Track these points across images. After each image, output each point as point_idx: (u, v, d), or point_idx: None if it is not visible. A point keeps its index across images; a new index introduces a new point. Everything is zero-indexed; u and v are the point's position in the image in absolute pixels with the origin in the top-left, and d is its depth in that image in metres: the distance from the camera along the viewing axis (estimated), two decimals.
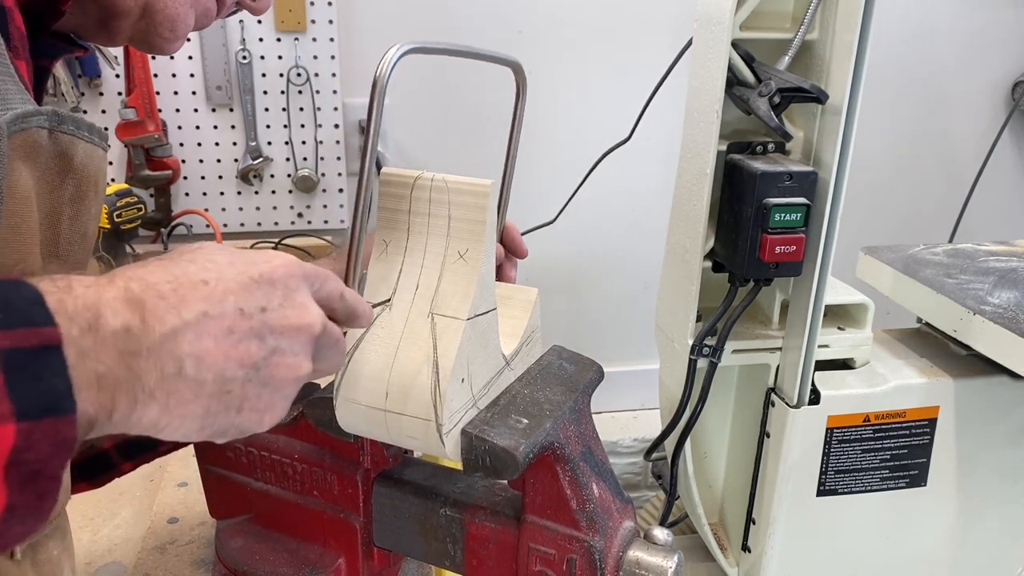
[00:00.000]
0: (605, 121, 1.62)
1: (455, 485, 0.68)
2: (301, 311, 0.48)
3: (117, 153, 1.61)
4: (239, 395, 0.45)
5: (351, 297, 0.53)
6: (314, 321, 0.48)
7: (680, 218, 1.04)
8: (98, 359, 0.40)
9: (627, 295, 1.95)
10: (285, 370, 0.46)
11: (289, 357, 0.47)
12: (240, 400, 0.45)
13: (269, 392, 0.46)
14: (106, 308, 0.41)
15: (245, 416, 0.46)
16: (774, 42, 0.96)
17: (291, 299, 0.47)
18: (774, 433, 1.07)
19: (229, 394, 0.44)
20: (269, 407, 0.47)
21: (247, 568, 0.71)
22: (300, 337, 0.47)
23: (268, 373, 0.46)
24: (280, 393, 0.47)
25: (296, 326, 0.47)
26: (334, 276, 0.52)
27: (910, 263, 1.22)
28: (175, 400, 0.42)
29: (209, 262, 0.46)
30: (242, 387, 0.45)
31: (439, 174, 0.58)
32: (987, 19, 1.90)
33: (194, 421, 0.44)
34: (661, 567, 0.59)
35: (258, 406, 0.46)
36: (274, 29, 1.60)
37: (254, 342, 0.45)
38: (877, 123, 1.88)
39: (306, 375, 0.48)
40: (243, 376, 0.45)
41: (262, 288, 0.46)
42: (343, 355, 0.53)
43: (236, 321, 0.44)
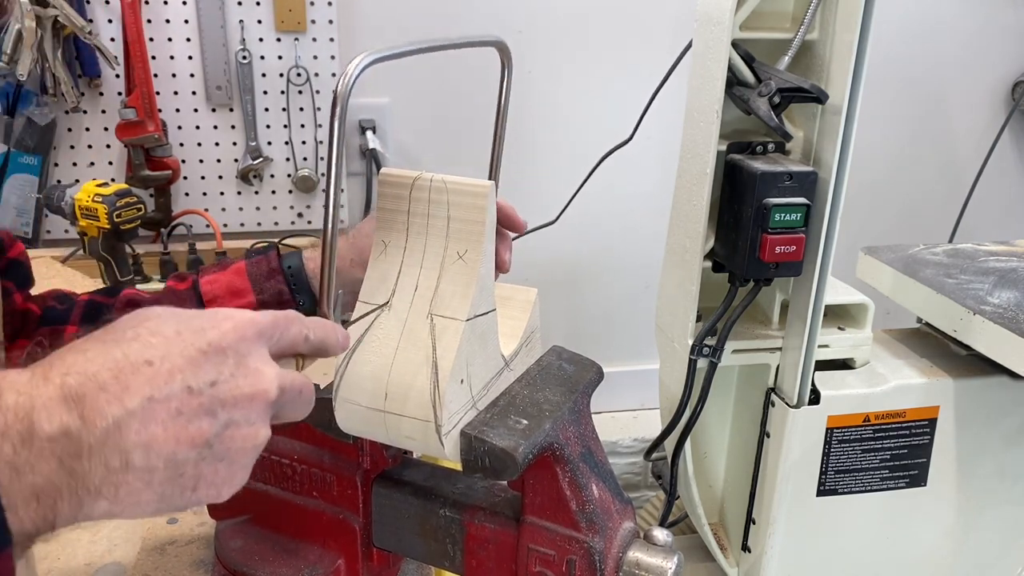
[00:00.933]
0: (606, 121, 1.62)
1: (455, 486, 0.68)
2: (255, 378, 0.45)
3: (117, 153, 1.61)
4: (193, 475, 0.43)
5: (317, 333, 0.51)
6: (268, 387, 0.45)
7: (680, 218, 1.04)
8: (34, 471, 0.38)
9: (627, 295, 1.95)
10: (240, 441, 0.44)
11: (244, 428, 0.44)
12: (195, 479, 0.43)
13: (226, 465, 0.44)
14: (40, 413, 0.39)
15: (202, 492, 0.44)
16: (774, 42, 0.96)
17: (243, 366, 0.45)
18: (774, 433, 1.07)
19: (183, 476, 0.42)
20: (227, 480, 0.45)
21: (247, 569, 0.71)
22: (255, 406, 0.45)
23: (223, 448, 0.43)
24: (237, 464, 0.45)
25: (250, 395, 0.44)
26: (296, 319, 0.50)
27: (910, 263, 1.22)
28: (124, 492, 0.41)
29: (153, 336, 0.43)
30: (195, 467, 0.43)
31: (438, 174, 0.58)
32: (987, 19, 1.90)
33: (147, 507, 0.42)
34: (661, 568, 0.59)
35: (215, 481, 0.44)
36: (274, 29, 1.60)
37: (205, 419, 0.42)
38: (877, 123, 1.88)
39: (263, 441, 0.46)
40: (196, 456, 0.42)
41: (211, 360, 0.43)
42: (309, 403, 0.50)
43: (184, 400, 0.42)
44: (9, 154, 1.54)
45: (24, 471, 0.38)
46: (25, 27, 1.41)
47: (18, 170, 1.56)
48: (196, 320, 0.45)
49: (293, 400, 0.48)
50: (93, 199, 1.34)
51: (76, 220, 1.38)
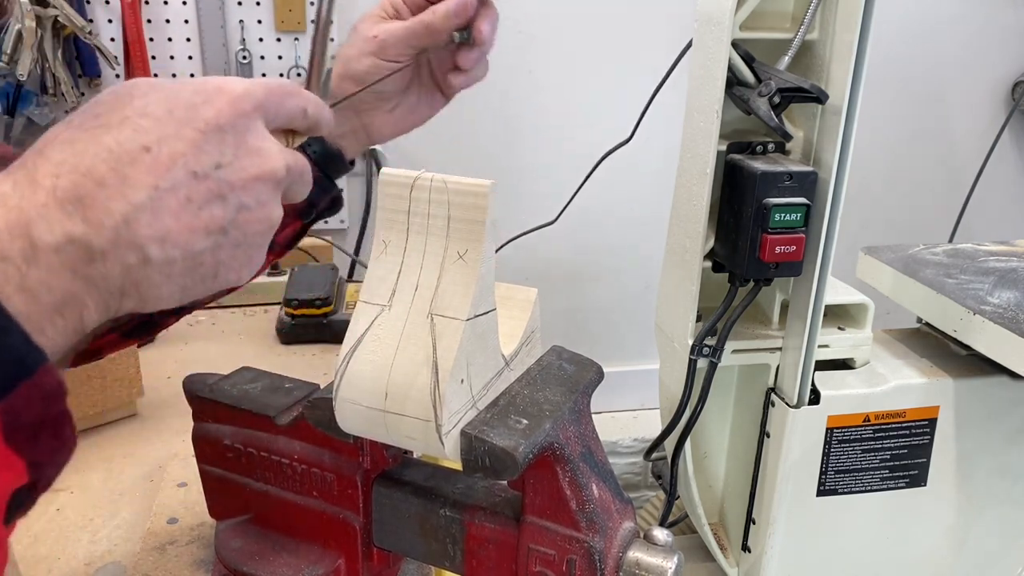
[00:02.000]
0: (606, 121, 1.62)
1: (455, 486, 0.68)
2: (261, 157, 0.43)
3: None
4: (212, 263, 0.42)
5: (314, 107, 0.49)
6: (276, 166, 0.44)
7: (680, 218, 1.04)
8: (50, 289, 0.37)
9: (627, 295, 1.95)
10: (256, 224, 0.43)
11: (257, 210, 0.43)
12: (215, 267, 0.42)
13: (243, 250, 0.43)
14: (39, 224, 0.36)
15: (222, 278, 0.43)
16: (774, 42, 0.96)
17: (246, 144, 0.43)
18: (774, 433, 1.07)
19: (202, 265, 0.41)
20: (245, 263, 0.44)
21: (247, 568, 0.71)
22: (265, 186, 0.43)
23: (239, 233, 0.42)
24: (255, 247, 0.44)
25: (257, 176, 0.43)
26: (293, 90, 0.48)
27: (910, 263, 1.22)
28: (146, 287, 0.40)
29: (143, 118, 0.40)
30: (213, 254, 0.42)
31: (438, 174, 0.58)
32: (987, 19, 1.90)
33: (171, 299, 0.41)
34: (661, 567, 0.59)
35: (234, 266, 0.43)
36: (274, 29, 1.60)
37: (217, 205, 0.41)
38: (877, 123, 1.88)
39: (277, 221, 0.45)
40: (212, 244, 0.41)
41: (211, 140, 0.41)
42: (310, 182, 0.49)
43: (192, 187, 0.40)
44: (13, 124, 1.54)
45: (39, 292, 0.36)
46: (25, 27, 1.41)
47: None
48: (185, 93, 0.42)
49: (297, 180, 0.47)
50: None
51: None
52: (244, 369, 0.81)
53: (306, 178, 0.48)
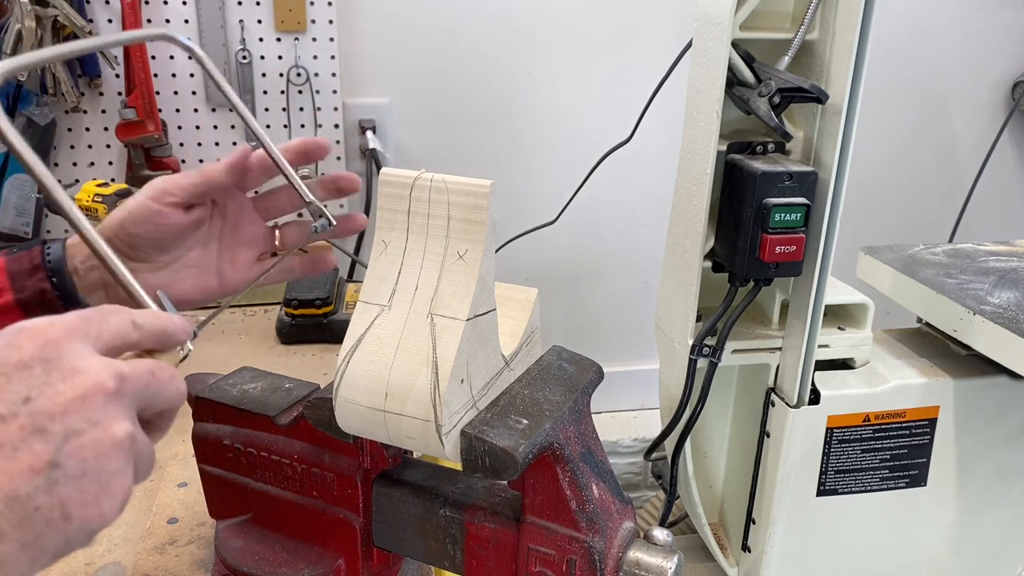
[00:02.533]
0: (606, 121, 1.63)
1: (455, 486, 0.68)
2: (79, 376, 0.39)
3: (117, 153, 1.61)
4: (52, 504, 0.37)
5: (148, 319, 0.45)
6: (97, 379, 0.39)
7: (680, 218, 1.04)
8: None
9: (627, 295, 1.95)
10: (93, 447, 0.38)
11: (91, 432, 0.38)
12: (59, 507, 0.37)
13: (92, 480, 0.38)
14: None
15: (79, 518, 0.38)
16: (774, 42, 0.96)
17: (59, 369, 0.38)
18: (774, 433, 1.07)
19: (39, 510, 0.36)
20: (104, 494, 0.39)
21: (247, 568, 0.71)
22: (92, 404, 0.39)
23: (74, 463, 0.37)
24: (106, 473, 0.39)
25: (79, 396, 0.38)
26: (113, 310, 0.44)
27: (910, 263, 1.22)
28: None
29: None
30: (50, 494, 0.37)
31: (438, 174, 0.58)
32: (987, 19, 1.90)
33: (17, 563, 0.36)
34: (661, 567, 0.59)
35: (87, 499, 0.38)
36: (274, 29, 1.60)
37: (36, 440, 0.37)
38: (877, 123, 1.88)
39: (124, 437, 0.40)
40: (43, 483, 0.36)
41: (14, 379, 0.38)
42: (172, 380, 0.44)
43: (1, 431, 0.36)
44: (9, 154, 1.55)
45: None
46: (25, 27, 1.41)
47: (18, 170, 1.56)
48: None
49: (148, 384, 0.42)
50: (93, 199, 1.34)
51: None
52: (244, 369, 0.81)
53: (162, 377, 0.43)
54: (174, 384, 0.45)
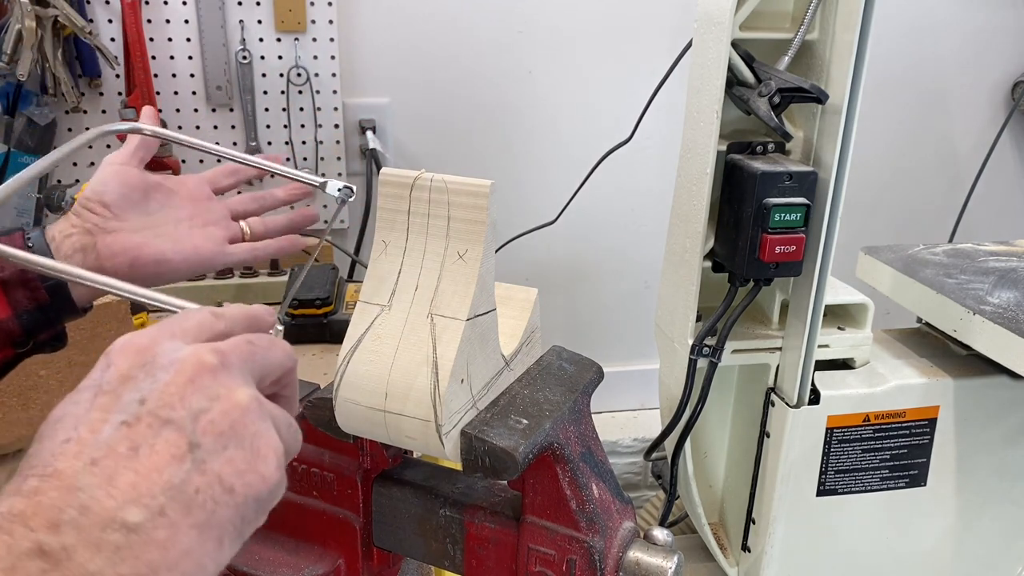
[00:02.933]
0: (606, 121, 1.63)
1: (455, 485, 0.68)
2: (177, 365, 0.39)
3: None
4: (209, 482, 0.37)
5: (229, 309, 0.46)
6: (200, 359, 0.40)
7: (680, 218, 1.04)
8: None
9: (627, 295, 1.95)
10: (224, 418, 0.39)
11: (215, 406, 0.39)
12: (217, 484, 0.37)
13: (235, 448, 0.39)
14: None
15: (242, 489, 0.38)
16: (774, 42, 0.96)
17: (158, 369, 0.39)
18: (774, 433, 1.07)
19: (199, 492, 0.37)
20: (255, 457, 0.39)
21: (247, 568, 0.71)
22: (203, 381, 0.39)
23: (210, 439, 0.38)
24: (247, 438, 0.39)
25: (188, 379, 0.39)
26: (191, 308, 0.46)
27: (910, 263, 1.22)
28: (156, 550, 0.35)
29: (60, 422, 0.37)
30: (202, 474, 0.37)
31: (438, 174, 0.58)
32: (987, 19, 1.90)
33: (203, 548, 0.37)
34: (661, 567, 0.59)
35: (241, 468, 0.39)
36: (274, 29, 1.60)
37: (167, 431, 0.37)
38: (877, 123, 1.88)
39: (251, 397, 0.40)
40: (191, 466, 0.37)
41: (121, 392, 0.38)
42: (279, 350, 0.45)
43: (129, 435, 0.37)
44: (9, 154, 1.54)
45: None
46: (25, 27, 1.41)
47: (18, 170, 1.55)
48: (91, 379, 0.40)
49: (251, 352, 0.43)
50: None
51: None
52: None
53: (259, 343, 0.44)
54: (276, 347, 0.45)
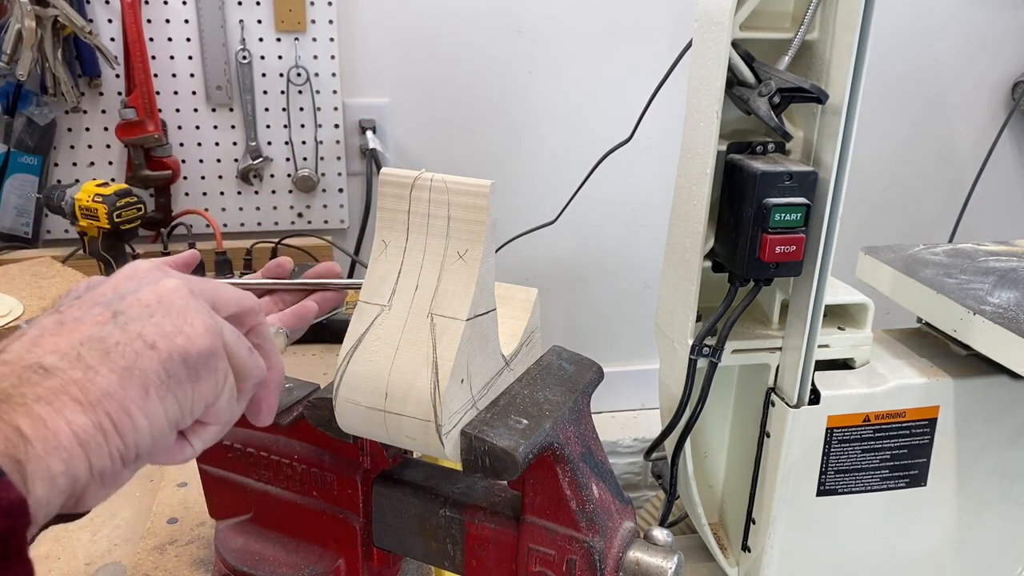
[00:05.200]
0: (606, 121, 1.63)
1: (455, 485, 0.68)
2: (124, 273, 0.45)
3: (117, 153, 1.61)
4: (130, 338, 0.40)
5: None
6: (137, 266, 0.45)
7: (680, 218, 1.04)
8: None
9: (627, 295, 1.95)
10: (151, 294, 0.43)
11: (145, 288, 0.43)
12: (139, 340, 0.41)
13: (162, 315, 0.42)
14: None
15: (166, 347, 0.41)
16: (774, 42, 0.96)
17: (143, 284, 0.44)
18: (774, 433, 1.07)
19: (118, 345, 0.40)
20: (182, 323, 0.43)
21: (247, 568, 0.71)
22: (138, 275, 0.45)
23: (136, 309, 0.42)
24: (175, 308, 0.43)
25: (124, 275, 0.45)
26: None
27: (910, 263, 1.22)
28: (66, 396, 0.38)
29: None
30: (123, 332, 0.41)
31: (439, 174, 0.58)
32: (987, 19, 1.90)
33: (127, 391, 0.39)
34: (661, 568, 0.59)
35: (167, 330, 0.42)
36: (274, 29, 1.60)
37: (96, 308, 0.42)
38: (877, 123, 1.88)
39: (174, 286, 0.44)
40: (112, 327, 0.41)
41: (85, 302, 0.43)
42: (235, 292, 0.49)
43: (78, 312, 0.42)
44: (9, 154, 1.55)
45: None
46: (25, 27, 1.41)
47: (18, 170, 1.56)
48: None
49: (211, 282, 0.47)
50: (93, 199, 1.34)
51: (76, 220, 1.38)
52: None
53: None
54: (230, 288, 0.49)
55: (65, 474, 0.37)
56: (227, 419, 0.47)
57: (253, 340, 0.50)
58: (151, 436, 0.41)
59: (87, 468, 0.38)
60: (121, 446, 0.39)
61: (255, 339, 0.50)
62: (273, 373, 0.52)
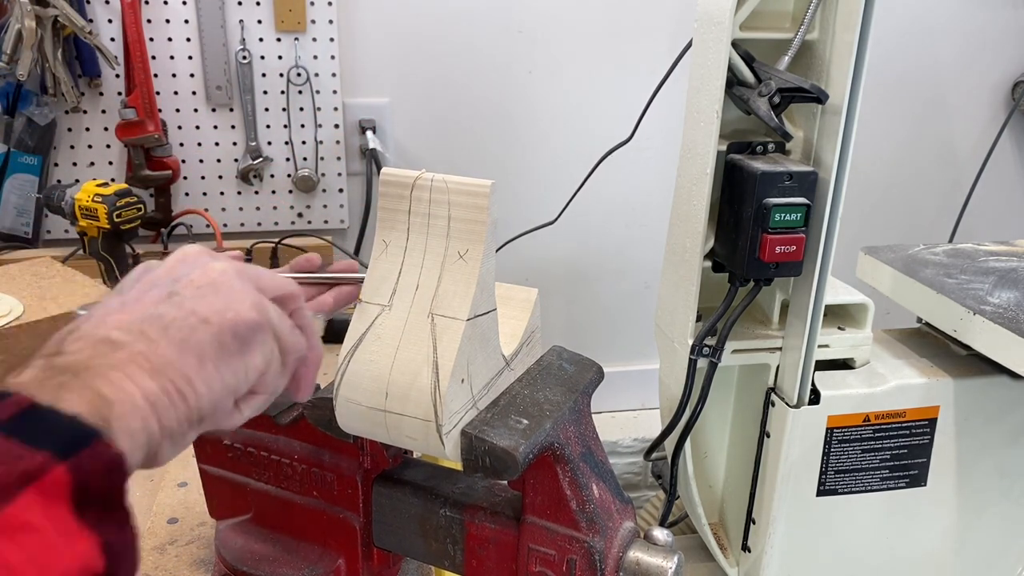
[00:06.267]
0: (606, 121, 1.62)
1: (455, 485, 0.68)
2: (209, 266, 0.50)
3: (117, 153, 1.61)
4: (185, 314, 0.45)
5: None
6: (188, 250, 0.50)
7: (680, 218, 1.04)
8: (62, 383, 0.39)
9: (627, 295, 1.95)
10: (202, 277, 0.48)
11: (196, 271, 0.48)
12: (193, 316, 0.45)
13: (212, 294, 0.47)
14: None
15: (217, 321, 0.46)
16: (774, 42, 0.96)
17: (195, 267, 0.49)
18: (774, 433, 1.07)
19: (175, 320, 0.45)
20: (232, 299, 0.47)
21: (247, 568, 0.71)
22: (188, 260, 0.49)
23: (189, 290, 0.47)
24: (224, 287, 0.48)
25: (177, 259, 0.50)
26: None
27: (910, 263, 1.22)
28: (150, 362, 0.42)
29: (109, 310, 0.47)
30: (178, 309, 0.45)
31: (439, 174, 0.58)
32: (987, 19, 1.90)
33: (184, 359, 0.44)
34: (661, 567, 0.59)
35: (217, 307, 0.47)
36: (274, 29, 1.60)
37: (152, 290, 0.47)
38: (877, 123, 1.88)
39: (228, 265, 0.49)
40: (167, 306, 0.45)
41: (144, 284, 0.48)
42: (279, 279, 0.53)
43: (145, 293, 0.47)
44: (9, 154, 1.54)
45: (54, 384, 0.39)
46: (25, 27, 1.41)
47: (18, 170, 1.56)
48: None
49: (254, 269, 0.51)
50: (93, 199, 1.34)
51: (76, 220, 1.38)
52: None
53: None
54: (276, 276, 0.54)
55: (143, 430, 0.41)
56: (273, 389, 0.52)
57: (295, 322, 0.54)
58: (211, 401, 0.45)
59: (159, 427, 0.42)
60: (185, 409, 0.44)
61: (297, 320, 0.54)
62: (313, 352, 0.55)
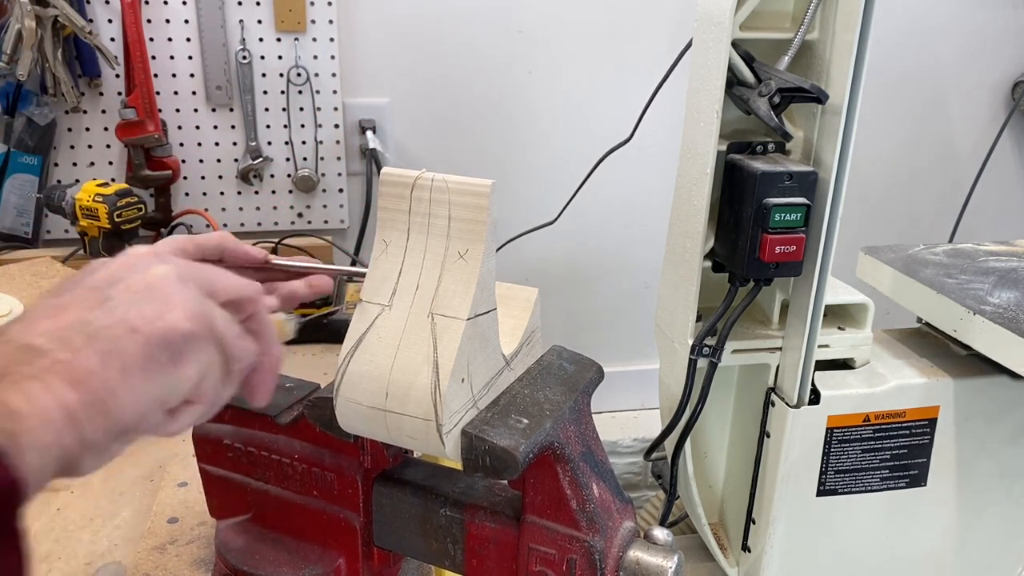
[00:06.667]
0: (606, 121, 1.62)
1: (455, 485, 0.68)
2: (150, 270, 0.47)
3: (117, 153, 1.61)
4: (114, 323, 0.43)
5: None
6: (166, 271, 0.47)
7: (680, 218, 1.05)
8: None
9: (627, 295, 1.95)
10: (140, 282, 0.46)
11: (135, 276, 0.46)
12: (122, 325, 0.43)
13: (145, 301, 0.45)
14: None
15: (146, 331, 0.43)
16: (774, 42, 0.96)
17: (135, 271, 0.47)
18: (774, 433, 1.07)
19: (104, 328, 0.43)
20: (164, 307, 0.45)
21: (247, 568, 0.71)
22: (130, 262, 0.47)
23: (124, 296, 0.45)
24: (160, 293, 0.45)
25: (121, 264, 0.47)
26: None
27: (910, 263, 1.22)
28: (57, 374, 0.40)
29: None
30: (109, 316, 0.43)
31: (439, 174, 0.58)
32: (987, 19, 1.90)
33: (106, 371, 0.42)
34: (661, 567, 0.59)
35: (148, 315, 0.44)
36: (274, 29, 1.60)
37: (89, 296, 0.45)
38: (877, 123, 1.88)
39: (162, 274, 0.47)
40: (100, 312, 0.43)
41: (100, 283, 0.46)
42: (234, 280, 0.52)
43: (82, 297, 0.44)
44: (9, 154, 1.55)
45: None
46: (25, 27, 1.41)
47: (18, 170, 1.57)
48: None
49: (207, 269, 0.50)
50: (94, 199, 1.34)
51: (76, 220, 1.38)
52: None
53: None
54: (231, 276, 0.52)
55: (56, 444, 0.39)
56: (213, 399, 0.49)
57: (252, 326, 0.52)
58: (136, 413, 0.43)
59: (77, 440, 0.40)
60: (107, 421, 0.42)
61: (254, 325, 0.52)
62: (268, 358, 0.54)
